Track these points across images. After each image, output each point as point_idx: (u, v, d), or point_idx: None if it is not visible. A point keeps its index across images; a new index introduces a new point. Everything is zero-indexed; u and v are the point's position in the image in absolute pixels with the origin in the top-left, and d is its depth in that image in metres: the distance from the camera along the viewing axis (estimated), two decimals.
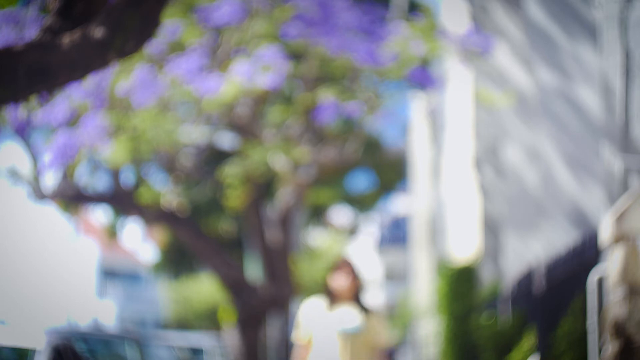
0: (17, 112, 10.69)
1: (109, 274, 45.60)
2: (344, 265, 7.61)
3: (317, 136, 12.84)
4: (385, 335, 7.52)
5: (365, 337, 7.44)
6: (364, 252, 41.62)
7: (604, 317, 6.31)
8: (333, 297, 7.53)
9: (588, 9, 10.60)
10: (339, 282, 7.54)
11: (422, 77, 11.16)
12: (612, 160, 7.80)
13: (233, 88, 10.57)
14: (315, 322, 7.47)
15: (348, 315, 7.48)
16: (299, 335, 7.49)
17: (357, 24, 10.96)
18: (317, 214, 27.02)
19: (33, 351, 7.05)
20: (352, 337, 7.41)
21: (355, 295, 7.55)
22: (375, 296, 37.67)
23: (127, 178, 14.93)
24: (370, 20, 11.05)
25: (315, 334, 7.44)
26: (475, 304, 12.64)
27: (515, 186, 12.77)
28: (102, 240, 39.27)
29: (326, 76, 11.51)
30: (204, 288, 36.24)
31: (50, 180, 13.66)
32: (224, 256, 13.89)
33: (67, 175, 13.29)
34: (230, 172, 12.16)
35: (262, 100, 12.45)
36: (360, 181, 26.71)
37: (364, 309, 7.51)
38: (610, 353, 5.94)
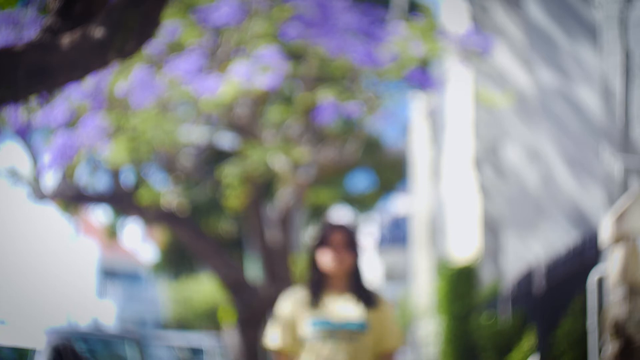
0: (17, 113, 10.70)
1: (109, 274, 45.60)
2: (334, 231, 5.17)
3: (317, 136, 12.84)
4: (397, 334, 5.19)
5: (369, 338, 5.12)
6: (364, 252, 41.61)
7: (604, 317, 6.31)
8: (321, 283, 5.18)
9: (588, 9, 10.60)
10: (329, 258, 5.14)
11: (422, 77, 11.16)
12: (612, 161, 7.79)
13: (232, 89, 10.57)
14: (297, 321, 5.15)
15: (344, 309, 5.14)
16: (273, 339, 5.18)
17: (356, 25, 10.96)
18: (317, 214, 27.03)
19: (33, 351, 7.05)
20: (350, 338, 5.08)
21: (353, 278, 5.18)
22: None
23: (127, 178, 14.94)
24: (369, 22, 11.05)
25: (297, 338, 5.14)
26: (475, 304, 12.63)
27: (515, 186, 12.76)
28: (102, 240, 39.27)
29: (326, 76, 11.51)
30: (204, 288, 36.23)
31: (50, 180, 13.67)
32: (224, 256, 13.89)
33: (67, 175, 13.30)
34: (230, 172, 12.16)
35: (261, 101, 12.45)
36: (360, 181, 26.74)
37: (368, 298, 5.16)
38: (610, 353, 5.94)
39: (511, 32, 13.46)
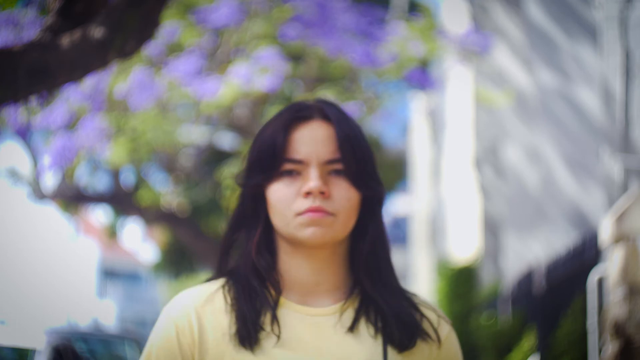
0: (17, 113, 10.70)
1: (109, 274, 45.62)
2: (303, 122, 2.05)
3: None
4: None
5: None
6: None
7: (604, 317, 6.31)
8: (273, 278, 1.98)
9: (588, 9, 10.60)
10: (290, 201, 1.97)
11: (421, 77, 11.16)
12: (612, 161, 7.79)
13: (231, 90, 10.56)
14: None
15: (337, 344, 1.97)
16: None
17: (356, 25, 10.95)
18: None
19: (33, 351, 7.05)
20: None
21: (362, 262, 2.05)
22: None
23: (127, 179, 14.94)
24: (368, 22, 11.04)
25: None
26: (475, 304, 12.64)
27: (515, 186, 12.76)
28: (102, 240, 39.28)
29: (325, 77, 11.51)
30: None
31: (50, 180, 13.68)
32: None
33: (67, 176, 13.31)
34: (230, 172, 12.16)
35: (261, 101, 12.46)
36: None
37: (405, 320, 2.07)
38: (610, 353, 5.94)
39: (511, 32, 13.46)
